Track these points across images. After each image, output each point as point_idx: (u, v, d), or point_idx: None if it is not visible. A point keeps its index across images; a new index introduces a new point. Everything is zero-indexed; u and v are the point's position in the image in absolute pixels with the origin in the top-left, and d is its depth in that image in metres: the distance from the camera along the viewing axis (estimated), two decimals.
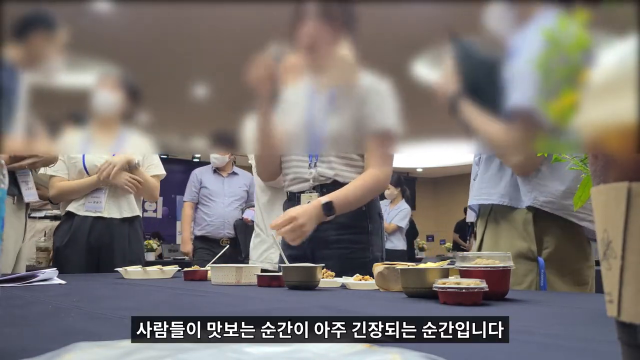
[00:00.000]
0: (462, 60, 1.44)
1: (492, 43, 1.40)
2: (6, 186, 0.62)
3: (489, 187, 1.55)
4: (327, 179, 1.77)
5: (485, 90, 1.38)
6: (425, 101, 1.75)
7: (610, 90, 0.30)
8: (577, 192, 0.90)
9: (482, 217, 1.60)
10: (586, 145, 0.32)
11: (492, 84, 1.28)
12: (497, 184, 1.53)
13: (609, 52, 0.31)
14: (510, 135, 1.29)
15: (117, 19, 4.71)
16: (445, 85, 1.46)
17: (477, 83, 1.40)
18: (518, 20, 1.38)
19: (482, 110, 1.37)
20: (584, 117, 0.32)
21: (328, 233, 1.76)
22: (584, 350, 0.55)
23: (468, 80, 1.43)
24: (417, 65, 1.63)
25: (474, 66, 1.42)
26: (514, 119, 1.22)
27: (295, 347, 0.42)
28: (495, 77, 1.26)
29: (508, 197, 1.50)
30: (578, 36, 0.37)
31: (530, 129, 1.15)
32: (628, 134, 0.29)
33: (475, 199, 1.59)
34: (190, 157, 11.86)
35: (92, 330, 0.66)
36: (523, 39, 1.26)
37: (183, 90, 6.24)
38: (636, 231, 0.30)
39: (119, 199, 2.68)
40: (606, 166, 0.32)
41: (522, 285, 1.45)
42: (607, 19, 0.35)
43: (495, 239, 1.53)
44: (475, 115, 1.39)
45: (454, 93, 1.44)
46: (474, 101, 1.39)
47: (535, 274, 1.45)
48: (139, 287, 1.41)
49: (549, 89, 0.38)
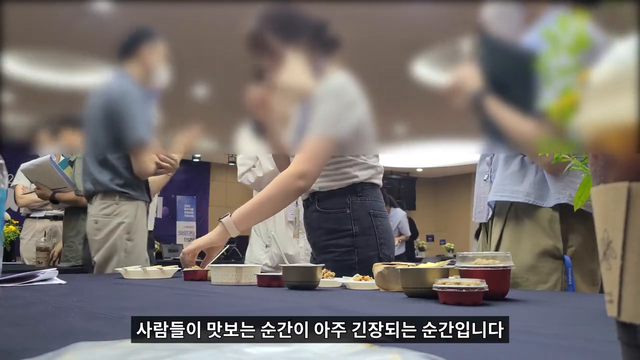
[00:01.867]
0: (488, 55, 1.39)
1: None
2: (6, 186, 0.62)
3: (512, 184, 1.52)
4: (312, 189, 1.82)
5: (514, 87, 1.32)
6: (425, 102, 1.75)
7: (610, 90, 0.30)
8: (577, 192, 0.90)
9: (499, 216, 1.57)
10: (586, 145, 0.32)
11: (522, 80, 1.25)
12: (520, 182, 1.50)
13: (609, 52, 0.31)
14: (543, 133, 1.26)
15: (117, 19, 4.71)
16: (466, 83, 1.41)
17: (505, 79, 1.33)
18: (525, 20, 1.37)
19: (511, 108, 1.31)
20: (584, 117, 0.32)
21: (320, 239, 1.82)
22: (584, 350, 0.55)
23: (495, 76, 1.37)
24: (418, 65, 1.62)
25: (501, 61, 1.36)
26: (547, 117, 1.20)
27: (295, 347, 0.42)
28: (526, 73, 1.22)
29: (534, 195, 1.48)
30: (578, 36, 0.37)
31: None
32: (628, 134, 0.29)
33: (498, 195, 1.55)
34: (190, 157, 11.86)
35: (92, 330, 0.66)
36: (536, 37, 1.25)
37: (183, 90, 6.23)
38: (636, 231, 0.30)
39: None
40: (606, 166, 0.32)
41: (546, 284, 1.44)
42: (607, 19, 0.35)
43: (517, 237, 1.51)
44: (503, 113, 1.33)
45: (477, 90, 1.39)
46: (502, 98, 1.33)
47: (561, 273, 1.44)
48: (139, 287, 1.41)
49: (549, 89, 0.38)
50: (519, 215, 1.51)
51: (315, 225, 1.85)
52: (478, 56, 1.42)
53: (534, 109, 1.24)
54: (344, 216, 1.79)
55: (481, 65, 1.41)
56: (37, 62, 5.66)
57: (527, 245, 1.46)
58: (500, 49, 1.37)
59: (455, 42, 1.44)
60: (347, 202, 1.80)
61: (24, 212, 4.28)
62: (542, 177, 1.48)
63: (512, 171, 1.53)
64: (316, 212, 1.83)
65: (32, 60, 5.63)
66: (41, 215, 4.20)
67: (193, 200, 11.85)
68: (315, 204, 1.83)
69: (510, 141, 1.39)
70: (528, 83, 1.22)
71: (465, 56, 1.45)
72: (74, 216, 3.43)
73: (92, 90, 2.45)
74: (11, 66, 5.58)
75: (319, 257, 1.82)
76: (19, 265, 3.62)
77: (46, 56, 5.51)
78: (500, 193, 1.55)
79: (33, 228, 4.19)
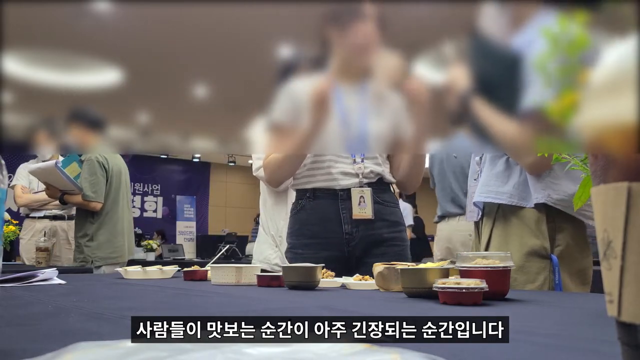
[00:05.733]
0: (478, 57, 1.40)
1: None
2: (6, 186, 0.63)
3: (496, 185, 1.53)
4: (376, 176, 1.75)
5: (499, 88, 1.34)
6: None
7: (610, 90, 0.30)
8: (577, 192, 0.90)
9: (489, 216, 1.59)
10: (586, 145, 0.32)
11: (507, 82, 1.26)
12: (504, 183, 1.52)
13: (609, 52, 0.31)
14: (525, 134, 1.27)
15: (117, 19, 4.71)
16: (456, 83, 1.43)
17: (492, 80, 1.36)
18: (513, 21, 1.37)
19: (495, 109, 1.34)
20: (584, 117, 0.32)
21: (381, 231, 1.75)
22: (584, 350, 0.55)
23: (483, 77, 1.38)
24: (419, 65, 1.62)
25: (490, 63, 1.37)
26: (529, 118, 1.21)
27: (295, 347, 0.42)
28: (511, 75, 1.23)
29: (517, 197, 1.49)
30: (578, 36, 0.37)
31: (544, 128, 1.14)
32: (628, 134, 0.29)
33: (483, 196, 1.57)
34: (190, 157, 11.86)
35: (92, 330, 0.66)
36: (526, 39, 1.25)
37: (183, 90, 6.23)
38: (636, 231, 0.30)
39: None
40: (606, 166, 0.32)
41: (534, 284, 1.45)
42: (607, 19, 0.35)
43: (505, 237, 1.52)
44: (488, 114, 1.36)
45: (465, 91, 1.40)
46: (487, 99, 1.35)
47: (549, 272, 1.45)
48: (139, 287, 1.41)
49: (549, 89, 0.38)
50: (507, 216, 1.53)
51: (376, 216, 1.73)
52: (468, 57, 1.43)
53: (518, 110, 1.24)
54: (399, 211, 1.80)
55: (470, 66, 1.42)
56: (37, 62, 5.66)
57: (515, 245, 1.47)
58: (490, 51, 1.38)
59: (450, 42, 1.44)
60: (396, 198, 1.83)
61: (23, 212, 4.28)
62: (526, 178, 1.49)
63: (497, 171, 1.55)
64: (376, 203, 1.74)
65: (32, 60, 5.63)
66: (41, 215, 4.20)
67: (193, 200, 11.85)
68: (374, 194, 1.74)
69: (494, 141, 1.40)
70: (514, 85, 1.23)
71: (457, 56, 1.45)
72: (81, 219, 3.45)
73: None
74: (11, 66, 5.58)
75: (376, 249, 1.74)
76: (18, 265, 3.62)
77: (46, 56, 5.51)
78: (485, 194, 1.57)
79: (33, 228, 4.19)
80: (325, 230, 1.74)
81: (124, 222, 3.51)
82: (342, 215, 1.73)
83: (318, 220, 1.75)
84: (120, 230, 3.46)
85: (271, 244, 2.51)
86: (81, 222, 3.44)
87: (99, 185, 3.33)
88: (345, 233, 1.73)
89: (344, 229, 1.73)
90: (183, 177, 12.11)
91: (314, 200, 1.77)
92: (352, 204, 1.71)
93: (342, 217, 1.73)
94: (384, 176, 1.77)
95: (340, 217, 1.73)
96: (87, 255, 3.35)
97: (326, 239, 1.74)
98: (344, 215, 1.72)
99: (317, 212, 1.76)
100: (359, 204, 1.71)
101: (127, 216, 3.57)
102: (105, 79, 6.00)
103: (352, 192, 1.71)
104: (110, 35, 4.93)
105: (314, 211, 1.76)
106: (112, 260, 3.38)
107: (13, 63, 5.55)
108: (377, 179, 1.75)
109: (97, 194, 3.32)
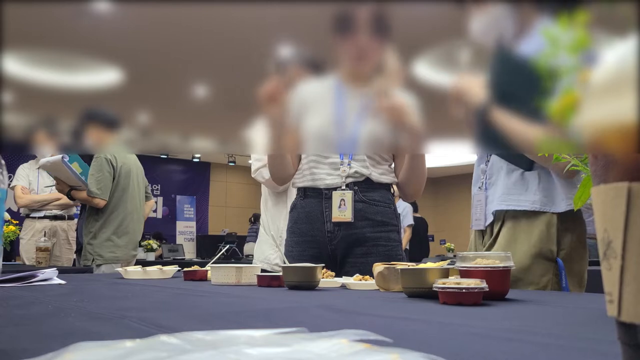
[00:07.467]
0: (500, 68, 1.39)
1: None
2: (6, 186, 0.63)
3: (517, 193, 1.53)
4: (361, 177, 1.76)
5: (525, 97, 1.33)
6: (425, 101, 1.75)
7: (610, 90, 0.30)
8: (577, 192, 0.90)
9: (497, 218, 1.58)
10: (586, 145, 0.32)
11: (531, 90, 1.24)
12: (525, 190, 1.52)
13: (609, 52, 0.31)
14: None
15: (117, 19, 4.71)
16: (469, 94, 1.40)
17: (516, 90, 1.32)
18: (519, 29, 1.37)
19: (518, 116, 1.30)
20: (584, 117, 0.32)
21: (365, 230, 1.75)
22: (584, 350, 0.55)
23: (504, 85, 1.37)
24: (419, 66, 1.62)
25: (512, 72, 1.35)
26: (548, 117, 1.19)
27: (295, 347, 0.42)
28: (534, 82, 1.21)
29: (539, 202, 1.49)
30: (578, 36, 0.37)
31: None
32: (628, 134, 0.29)
33: (505, 204, 1.56)
34: (190, 157, 11.86)
35: (92, 330, 0.66)
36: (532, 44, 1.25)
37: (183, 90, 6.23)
38: (636, 231, 0.30)
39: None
40: (606, 166, 0.32)
41: (538, 285, 1.46)
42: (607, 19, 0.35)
43: (512, 237, 1.52)
44: (513, 123, 1.32)
45: (482, 102, 1.38)
46: (511, 109, 1.32)
47: (552, 275, 1.46)
48: (139, 287, 1.41)
49: (549, 89, 0.38)
50: (518, 217, 1.53)
51: (359, 216, 1.75)
52: (489, 68, 1.42)
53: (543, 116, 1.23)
54: (390, 211, 1.79)
55: (491, 77, 1.40)
56: (37, 62, 5.66)
57: (523, 247, 1.48)
58: (511, 61, 1.36)
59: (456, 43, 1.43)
60: (390, 198, 1.81)
61: (23, 212, 4.29)
62: (546, 184, 1.49)
63: (514, 180, 1.55)
64: (361, 203, 1.75)
65: (32, 60, 5.63)
66: (41, 215, 4.20)
67: (193, 200, 11.85)
68: (359, 193, 1.76)
69: (522, 150, 1.39)
70: (537, 92, 1.22)
71: (466, 66, 1.44)
72: (88, 217, 3.43)
73: None
74: (11, 66, 5.58)
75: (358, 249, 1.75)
76: (18, 265, 3.62)
77: (46, 56, 5.51)
78: (505, 202, 1.56)
79: (33, 228, 4.19)
80: (312, 228, 1.78)
81: (130, 223, 3.47)
82: (324, 214, 1.76)
83: (306, 218, 1.79)
84: (124, 230, 3.43)
85: (272, 244, 2.50)
86: (88, 220, 3.43)
87: (105, 182, 3.32)
88: (328, 232, 1.76)
89: (327, 228, 1.76)
90: (183, 177, 12.10)
91: (304, 199, 1.81)
92: (332, 207, 1.74)
93: (324, 216, 1.76)
94: (371, 178, 1.77)
95: (323, 216, 1.76)
96: (88, 253, 3.34)
97: (312, 237, 1.78)
98: (326, 214, 1.76)
99: (305, 211, 1.80)
100: (339, 206, 1.74)
101: (136, 217, 3.53)
102: (105, 79, 6.00)
103: (333, 194, 1.75)
104: (110, 35, 4.93)
105: (303, 210, 1.81)
106: (114, 260, 3.36)
107: (13, 63, 5.55)
108: (364, 179, 1.76)
109: (102, 190, 3.31)
